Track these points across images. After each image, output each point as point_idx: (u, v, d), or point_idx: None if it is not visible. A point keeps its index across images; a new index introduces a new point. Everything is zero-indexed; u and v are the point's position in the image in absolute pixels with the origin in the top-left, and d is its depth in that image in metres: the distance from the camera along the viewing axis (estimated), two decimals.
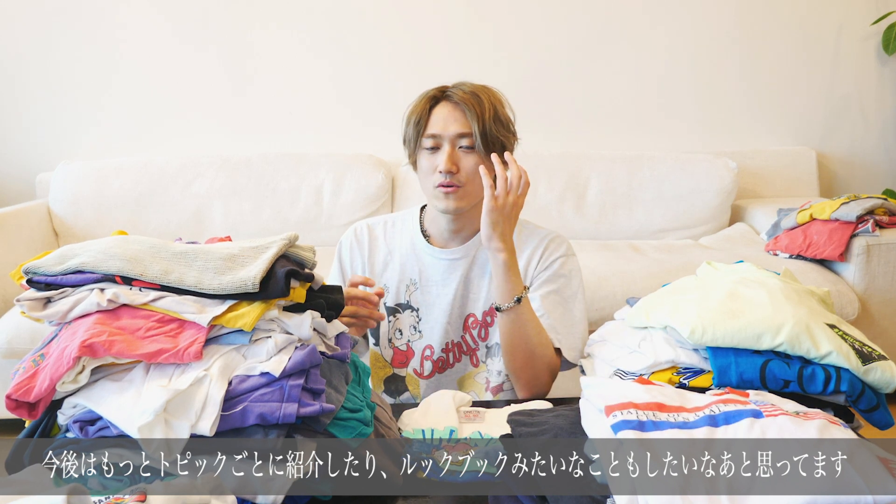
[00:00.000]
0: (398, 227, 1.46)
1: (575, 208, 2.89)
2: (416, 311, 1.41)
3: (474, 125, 1.30)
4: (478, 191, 1.34)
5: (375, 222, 1.48)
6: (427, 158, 1.34)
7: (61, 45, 3.01)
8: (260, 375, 0.80)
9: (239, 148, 3.05)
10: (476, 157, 1.32)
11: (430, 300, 1.41)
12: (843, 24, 3.21)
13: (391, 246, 1.44)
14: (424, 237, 1.43)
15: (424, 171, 1.35)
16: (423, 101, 1.35)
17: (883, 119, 3.30)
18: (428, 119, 1.34)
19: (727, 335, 0.89)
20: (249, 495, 0.77)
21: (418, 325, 1.42)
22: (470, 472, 0.89)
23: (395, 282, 1.42)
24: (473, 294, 1.40)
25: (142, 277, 0.84)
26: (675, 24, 3.16)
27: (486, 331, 1.40)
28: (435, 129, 1.33)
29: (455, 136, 1.32)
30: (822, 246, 2.38)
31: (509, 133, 1.36)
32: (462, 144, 1.32)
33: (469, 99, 1.31)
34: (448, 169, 1.30)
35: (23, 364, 0.82)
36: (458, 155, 1.32)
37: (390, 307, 1.42)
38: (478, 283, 1.40)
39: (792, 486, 0.62)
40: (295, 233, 0.95)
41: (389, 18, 3.09)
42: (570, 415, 0.83)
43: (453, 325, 1.40)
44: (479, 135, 1.30)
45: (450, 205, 1.32)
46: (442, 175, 1.31)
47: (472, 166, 1.32)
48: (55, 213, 2.80)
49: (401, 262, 1.42)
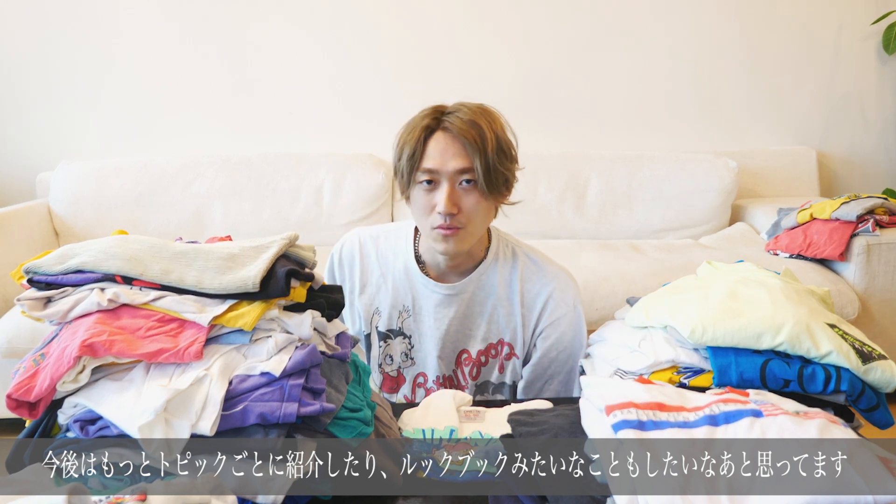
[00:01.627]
0: (391, 246, 1.36)
1: (575, 208, 2.89)
2: (409, 338, 1.34)
3: (476, 161, 1.17)
4: (479, 230, 1.25)
5: (365, 239, 1.38)
6: (423, 196, 1.21)
7: (61, 45, 3.01)
8: (260, 375, 0.80)
9: (239, 148, 3.05)
10: (478, 194, 1.20)
11: (423, 330, 1.33)
12: (843, 24, 3.21)
13: (384, 268, 1.35)
14: (419, 262, 1.33)
15: (421, 209, 1.22)
16: (416, 131, 1.20)
17: (883, 119, 3.30)
18: (423, 151, 1.20)
19: (727, 335, 0.89)
20: (249, 495, 0.77)
21: (410, 352, 1.35)
22: (470, 471, 0.89)
23: (388, 307, 1.34)
24: (469, 332, 1.32)
25: (142, 277, 0.84)
26: (675, 24, 3.16)
27: (478, 370, 1.33)
28: (432, 163, 1.19)
29: (455, 172, 1.18)
30: (823, 245, 2.38)
31: (512, 164, 1.24)
32: (462, 180, 1.19)
33: (468, 131, 1.17)
34: (448, 211, 1.18)
35: (23, 364, 0.82)
36: (459, 194, 1.19)
37: (382, 332, 1.35)
38: (476, 319, 1.32)
39: (792, 485, 0.62)
40: (295, 232, 0.95)
41: (390, 18, 3.09)
42: (570, 414, 0.83)
43: (445, 360, 1.34)
44: (482, 171, 1.17)
45: (450, 248, 1.21)
46: (441, 216, 1.19)
47: (474, 205, 1.20)
48: (55, 213, 2.80)
49: (394, 286, 1.34)
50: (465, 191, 1.20)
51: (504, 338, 1.32)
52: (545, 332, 1.31)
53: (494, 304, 1.31)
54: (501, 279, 1.31)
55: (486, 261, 1.31)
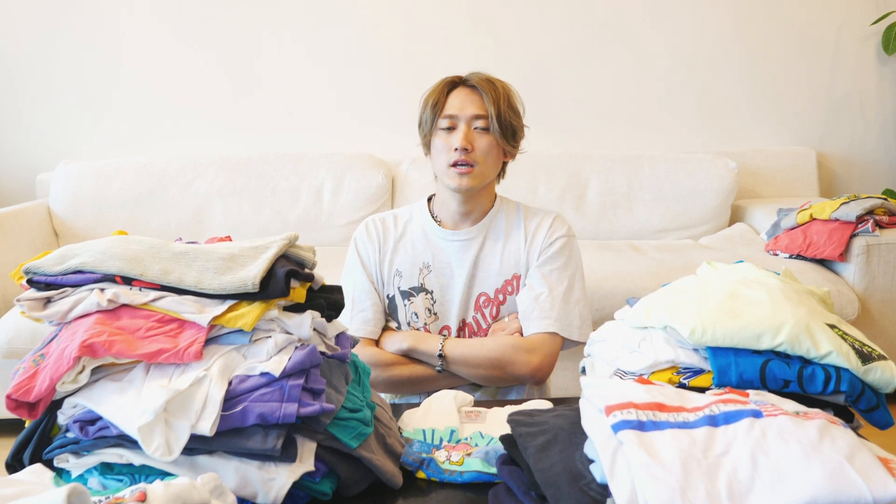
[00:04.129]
0: (407, 217, 1.52)
1: (575, 208, 2.89)
2: (431, 293, 1.45)
3: (490, 107, 1.36)
4: (490, 171, 1.41)
5: (385, 214, 1.54)
6: (442, 138, 1.39)
7: (62, 45, 3.01)
8: (260, 375, 0.80)
9: (239, 148, 3.05)
10: (490, 139, 1.38)
11: (444, 282, 1.45)
12: (843, 24, 3.21)
13: (402, 232, 1.49)
14: (435, 222, 1.47)
15: (439, 150, 1.40)
16: (440, 86, 1.42)
17: (883, 119, 3.30)
18: (445, 101, 1.40)
19: (727, 335, 0.89)
20: (249, 495, 0.77)
21: (433, 307, 1.46)
22: (470, 471, 0.89)
23: (408, 265, 1.46)
24: (483, 273, 1.45)
25: (142, 277, 0.84)
26: (674, 25, 3.16)
27: (497, 308, 1.45)
28: (452, 110, 1.39)
29: (471, 116, 1.38)
30: (822, 246, 2.38)
31: (520, 119, 1.44)
32: (478, 125, 1.38)
33: (485, 84, 1.39)
34: (464, 146, 1.36)
35: (23, 364, 0.82)
36: (474, 135, 1.38)
37: (404, 291, 1.46)
38: (488, 261, 1.45)
39: (792, 486, 0.62)
40: (295, 233, 0.95)
41: (389, 19, 3.09)
42: (570, 415, 0.83)
43: (466, 305, 1.45)
44: (495, 117, 1.36)
45: (463, 183, 1.37)
46: (457, 153, 1.36)
47: (487, 146, 1.38)
48: (55, 213, 2.80)
49: (413, 246, 1.47)
50: (479, 134, 1.39)
51: (517, 271, 1.46)
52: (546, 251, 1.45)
53: (504, 243, 1.46)
54: (508, 222, 1.48)
55: (493, 209, 1.49)
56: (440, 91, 1.42)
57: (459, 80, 1.43)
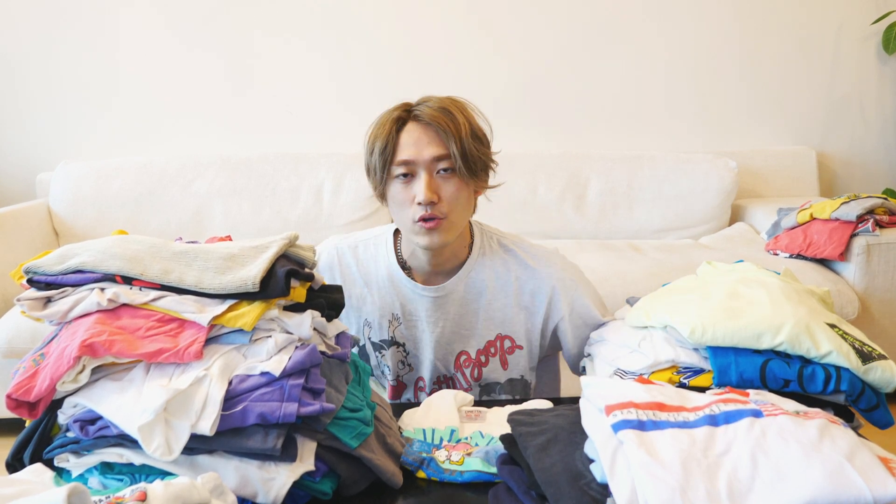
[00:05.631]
0: (371, 255, 1.31)
1: (575, 208, 2.89)
2: (402, 345, 1.30)
3: (451, 145, 1.14)
4: (463, 219, 1.20)
5: (343, 250, 1.32)
6: (400, 190, 1.17)
7: (62, 45, 3.01)
8: (260, 375, 0.80)
9: (239, 148, 3.05)
10: (457, 181, 1.16)
11: (416, 335, 1.29)
12: (843, 24, 3.21)
13: (366, 277, 1.30)
14: (403, 268, 1.28)
15: (399, 204, 1.18)
16: (387, 125, 1.18)
17: (883, 119, 3.30)
18: (397, 144, 1.17)
19: (727, 335, 0.89)
20: (249, 495, 0.77)
21: (406, 359, 1.31)
22: (470, 471, 0.89)
23: (377, 317, 1.30)
24: (465, 331, 1.28)
25: (142, 277, 0.84)
26: (675, 25, 3.16)
27: (479, 371, 1.29)
28: (407, 154, 1.16)
29: (431, 160, 1.15)
30: (823, 245, 2.38)
31: (488, 149, 1.21)
32: (440, 168, 1.16)
33: (440, 117, 1.14)
34: (429, 200, 1.13)
35: (23, 364, 0.82)
36: (438, 182, 1.15)
37: (375, 343, 1.32)
38: (470, 319, 1.28)
39: (792, 486, 0.62)
40: (295, 232, 0.96)
41: (389, 19, 3.09)
42: (570, 414, 0.83)
43: (443, 362, 1.30)
44: (459, 156, 1.14)
45: (434, 240, 1.17)
46: (421, 207, 1.14)
47: (455, 192, 1.16)
48: (55, 213, 2.80)
49: (379, 295, 1.29)
50: (443, 179, 1.16)
51: (502, 332, 1.28)
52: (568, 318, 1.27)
53: (489, 299, 1.27)
54: (491, 273, 1.27)
55: (471, 257, 1.27)
56: (388, 132, 1.17)
57: (408, 115, 1.18)
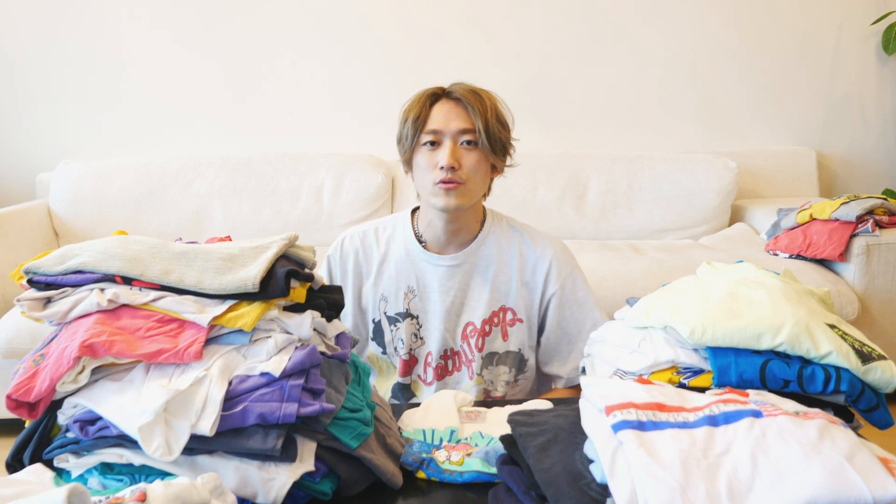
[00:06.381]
0: (389, 233, 1.42)
1: (575, 208, 2.89)
2: (416, 318, 1.39)
3: (477, 121, 1.27)
4: (479, 189, 1.32)
5: (366, 230, 1.44)
6: (426, 155, 1.30)
7: (63, 45, 3.01)
8: (260, 375, 0.80)
9: (239, 148, 3.05)
10: (478, 154, 1.29)
11: (429, 307, 1.38)
12: (843, 24, 3.21)
13: (385, 254, 1.40)
14: (419, 242, 1.39)
15: (423, 168, 1.31)
16: (421, 99, 1.32)
17: (883, 119, 3.30)
18: (428, 115, 1.30)
19: (727, 335, 0.89)
20: (249, 495, 0.77)
21: (419, 332, 1.39)
22: (470, 472, 0.89)
23: (393, 290, 1.39)
24: (473, 301, 1.37)
25: (142, 277, 0.84)
26: (674, 25, 3.16)
27: (483, 340, 1.38)
28: (436, 124, 1.29)
29: (457, 131, 1.28)
30: (822, 246, 2.38)
31: (509, 133, 1.34)
32: (464, 140, 1.29)
33: (470, 96, 1.29)
34: (450, 164, 1.26)
35: (23, 364, 0.82)
36: (461, 151, 1.28)
37: (390, 317, 1.40)
38: (478, 290, 1.37)
39: (792, 486, 0.62)
40: (295, 233, 0.96)
41: (389, 19, 3.09)
42: (570, 415, 0.83)
43: (451, 333, 1.38)
44: (483, 130, 1.27)
45: (450, 202, 1.28)
46: (443, 171, 1.27)
47: (475, 163, 1.29)
48: (55, 213, 2.80)
49: (396, 269, 1.39)
50: (466, 150, 1.29)
51: (506, 304, 1.38)
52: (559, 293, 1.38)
53: (495, 271, 1.38)
54: (498, 247, 1.39)
55: (482, 232, 1.39)
56: (422, 104, 1.30)
57: (442, 92, 1.32)
